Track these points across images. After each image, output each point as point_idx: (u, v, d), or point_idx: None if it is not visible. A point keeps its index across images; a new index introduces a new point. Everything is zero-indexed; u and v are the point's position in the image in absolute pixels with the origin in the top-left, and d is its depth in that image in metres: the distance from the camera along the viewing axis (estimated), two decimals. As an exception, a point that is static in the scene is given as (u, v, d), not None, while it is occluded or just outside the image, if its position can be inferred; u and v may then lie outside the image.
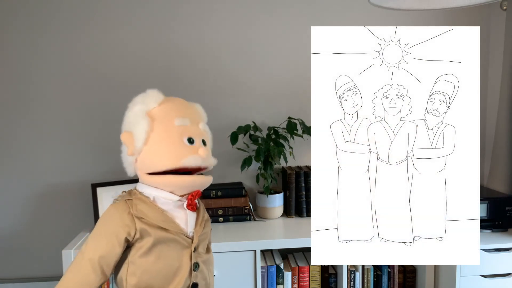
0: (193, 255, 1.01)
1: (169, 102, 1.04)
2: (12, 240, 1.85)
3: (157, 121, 1.00)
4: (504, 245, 1.57)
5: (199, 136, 1.02)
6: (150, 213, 0.98)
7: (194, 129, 1.02)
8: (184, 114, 1.03)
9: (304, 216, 1.82)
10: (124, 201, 1.01)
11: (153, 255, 0.98)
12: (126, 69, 1.83)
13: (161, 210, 1.00)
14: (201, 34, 1.86)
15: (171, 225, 0.99)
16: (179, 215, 1.02)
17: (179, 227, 1.01)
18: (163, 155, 0.98)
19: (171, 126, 1.00)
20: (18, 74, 1.80)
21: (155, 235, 0.97)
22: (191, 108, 1.08)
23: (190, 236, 1.02)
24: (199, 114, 1.09)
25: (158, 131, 0.99)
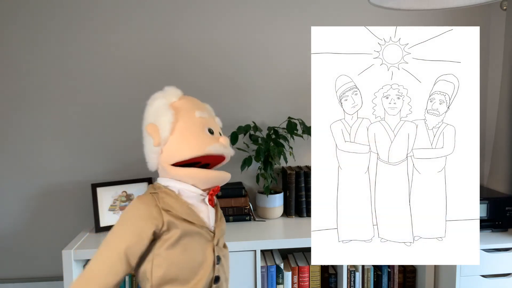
0: (215, 248, 1.04)
1: (187, 98, 1.12)
2: (12, 240, 1.85)
3: (181, 113, 1.05)
4: (504, 245, 1.57)
5: (217, 128, 1.10)
6: (176, 206, 1.01)
7: (212, 122, 1.09)
8: (202, 108, 1.11)
9: (304, 216, 1.82)
10: (150, 194, 1.02)
11: (180, 247, 0.99)
12: (126, 69, 1.83)
13: (186, 203, 1.02)
14: (201, 35, 1.86)
15: (196, 218, 1.02)
16: (202, 209, 1.05)
17: (203, 221, 1.03)
18: (189, 142, 1.03)
19: (194, 117, 1.06)
20: (18, 74, 1.80)
21: (182, 228, 0.99)
22: (206, 104, 1.17)
23: (212, 230, 1.05)
24: (212, 110, 1.18)
25: (182, 121, 1.04)
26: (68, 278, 1.46)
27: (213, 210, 1.08)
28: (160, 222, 0.98)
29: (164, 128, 1.02)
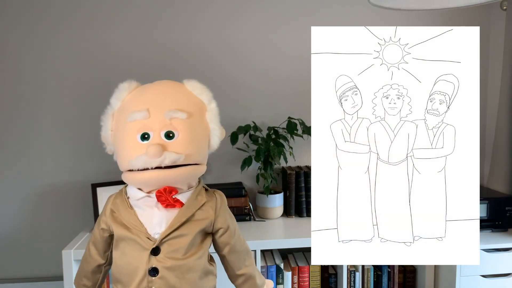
0: (150, 258, 0.93)
1: (133, 94, 0.99)
2: (12, 240, 1.85)
3: (115, 120, 1.00)
4: (504, 245, 1.57)
5: (160, 129, 0.92)
6: (120, 208, 0.99)
7: (153, 122, 0.92)
8: (140, 105, 0.94)
9: (304, 216, 1.82)
10: (116, 193, 1.05)
11: (119, 250, 0.99)
12: (126, 70, 1.83)
13: (129, 207, 0.98)
14: (200, 34, 1.86)
15: (133, 224, 0.95)
16: (145, 213, 0.96)
17: (141, 227, 0.94)
18: (119, 155, 0.98)
19: (124, 124, 0.94)
20: (18, 74, 1.80)
21: (116, 232, 0.98)
22: (158, 94, 0.97)
23: (154, 238, 0.94)
24: (169, 99, 0.96)
25: (114, 130, 0.99)
26: (68, 278, 1.46)
27: (166, 214, 0.95)
28: (107, 221, 1.01)
29: (106, 138, 1.01)
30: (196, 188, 1.01)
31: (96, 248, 1.05)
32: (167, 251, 0.94)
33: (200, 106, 1.01)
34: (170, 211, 0.95)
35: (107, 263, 1.07)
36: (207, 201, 1.01)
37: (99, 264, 1.05)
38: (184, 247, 0.95)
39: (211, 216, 1.00)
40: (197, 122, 0.98)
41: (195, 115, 0.97)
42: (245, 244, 1.11)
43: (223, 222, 1.03)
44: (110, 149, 1.03)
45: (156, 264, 0.93)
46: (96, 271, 1.06)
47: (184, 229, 0.96)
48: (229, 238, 1.04)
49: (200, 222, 0.98)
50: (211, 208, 1.01)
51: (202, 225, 0.99)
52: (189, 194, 0.99)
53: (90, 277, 1.07)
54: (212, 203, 1.02)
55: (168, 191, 0.93)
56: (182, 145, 0.92)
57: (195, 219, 0.98)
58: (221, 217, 1.02)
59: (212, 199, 1.03)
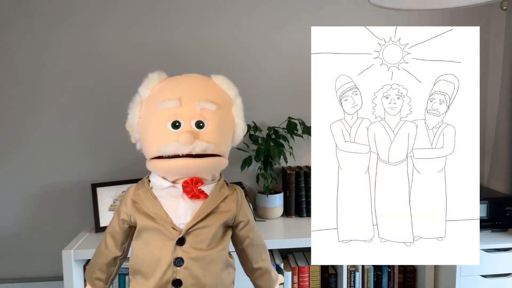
0: (176, 249, 0.94)
1: (163, 84, 1.00)
2: (12, 240, 1.85)
3: (143, 107, 0.99)
4: (504, 245, 1.57)
5: (191, 118, 0.93)
6: (143, 198, 0.99)
7: (184, 110, 0.93)
8: (172, 94, 0.96)
9: (304, 216, 1.82)
10: (136, 184, 1.04)
11: (141, 240, 0.98)
12: (126, 69, 1.83)
13: (152, 197, 0.97)
14: (200, 33, 1.86)
15: (157, 214, 0.95)
16: (170, 203, 0.96)
17: (166, 217, 0.95)
18: (147, 142, 0.97)
19: (155, 111, 0.95)
20: (18, 74, 1.80)
21: (140, 222, 0.97)
22: (190, 84, 0.99)
23: (179, 228, 0.95)
24: (199, 91, 0.98)
25: (143, 117, 0.99)
26: (68, 278, 1.46)
27: (191, 205, 0.96)
28: (128, 212, 1.00)
29: (132, 125, 1.00)
30: (219, 181, 1.03)
31: (114, 239, 1.04)
32: (192, 241, 0.94)
33: (228, 100, 1.04)
34: (195, 202, 0.96)
35: (123, 255, 1.07)
36: (229, 194, 1.03)
37: (115, 256, 1.05)
38: (208, 238, 0.96)
39: (233, 209, 1.02)
40: (225, 114, 1.00)
41: (223, 107, 1.00)
42: (261, 239, 1.14)
43: (244, 215, 1.05)
44: (135, 137, 1.02)
45: (182, 254, 0.94)
46: (112, 263, 1.06)
47: (209, 220, 0.97)
48: (248, 232, 1.07)
49: (224, 214, 1.00)
50: (233, 202, 1.03)
51: (225, 217, 1.00)
52: (212, 186, 1.00)
53: (105, 270, 1.06)
54: (234, 197, 1.04)
55: (194, 182, 0.94)
56: (212, 135, 0.94)
57: (219, 211, 0.99)
58: (242, 211, 1.05)
59: (233, 192, 1.05)
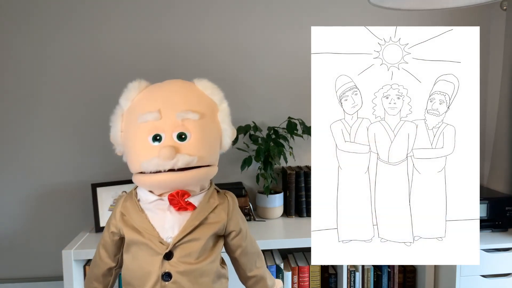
0: (163, 263, 0.92)
1: (143, 94, 0.96)
2: (12, 240, 1.85)
3: (124, 120, 0.97)
4: (504, 245, 1.57)
5: (172, 130, 0.90)
6: (131, 211, 0.97)
7: (165, 123, 0.90)
8: (151, 106, 0.91)
9: (304, 216, 1.82)
10: (126, 195, 1.02)
11: (130, 254, 0.97)
12: (126, 70, 1.83)
13: (140, 211, 0.95)
14: (200, 34, 1.86)
15: (144, 228, 0.93)
16: (157, 217, 0.94)
17: (153, 231, 0.93)
18: (130, 157, 0.95)
19: (135, 125, 0.92)
20: (18, 74, 1.80)
21: (127, 236, 0.96)
22: (170, 94, 0.95)
23: (167, 242, 0.93)
24: (180, 100, 0.93)
25: (124, 131, 0.96)
26: (68, 278, 1.46)
27: (179, 218, 0.94)
28: (117, 225, 0.99)
29: (115, 139, 0.98)
30: (208, 190, 1.00)
31: (107, 251, 1.03)
32: (180, 255, 0.92)
33: (212, 106, 0.99)
34: (182, 215, 0.94)
35: (118, 266, 1.05)
36: (219, 203, 1.00)
37: (109, 267, 1.04)
38: (197, 251, 0.94)
39: (223, 219, 0.99)
40: (209, 123, 0.96)
41: (207, 115, 0.95)
42: (256, 245, 1.10)
43: (236, 225, 1.02)
44: (120, 150, 1.00)
45: (169, 269, 0.92)
46: (107, 274, 1.05)
47: (197, 233, 0.94)
48: (241, 241, 1.03)
49: (213, 226, 0.97)
50: (223, 211, 1.00)
51: (215, 229, 0.97)
52: (201, 197, 0.97)
53: (101, 280, 1.05)
54: (224, 206, 1.01)
55: (180, 195, 0.92)
56: (195, 147, 0.91)
57: (208, 223, 0.96)
58: (234, 220, 1.01)
59: (224, 201, 1.02)
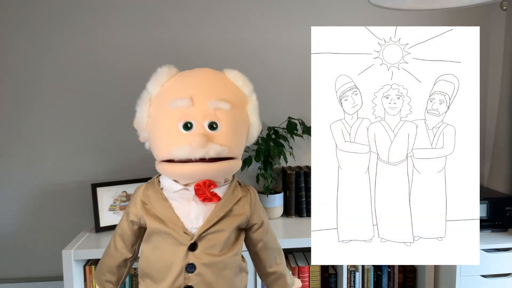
0: (188, 254, 0.90)
1: (174, 80, 0.94)
2: (12, 240, 1.85)
3: (153, 106, 0.93)
4: (504, 245, 1.57)
5: (204, 118, 0.87)
6: (153, 200, 0.94)
7: (197, 110, 0.87)
8: (183, 93, 0.89)
9: (304, 216, 1.82)
10: (145, 184, 1.00)
11: (151, 244, 0.95)
12: (126, 70, 1.83)
13: (164, 200, 0.93)
14: (200, 34, 1.86)
15: (168, 217, 0.91)
16: (182, 207, 0.92)
17: (177, 221, 0.91)
18: (156, 144, 0.92)
19: (166, 110, 0.89)
20: (18, 74, 1.80)
21: (150, 225, 0.93)
22: (202, 82, 0.93)
23: (191, 233, 0.91)
24: (213, 89, 0.91)
25: (152, 116, 0.93)
26: (68, 278, 1.46)
27: (204, 209, 0.92)
28: (138, 214, 0.96)
29: (141, 124, 0.94)
30: (232, 182, 1.00)
31: (124, 241, 1.00)
32: (204, 246, 0.91)
33: (242, 98, 0.97)
34: (207, 205, 0.92)
35: (134, 257, 1.03)
36: (243, 196, 0.99)
37: (125, 258, 1.01)
38: (221, 243, 0.93)
39: (247, 211, 0.98)
40: (239, 114, 0.94)
41: (237, 106, 0.94)
42: (277, 242, 1.09)
43: (258, 217, 1.01)
44: (144, 137, 0.96)
45: (194, 260, 0.90)
46: (122, 265, 1.02)
47: (222, 224, 0.93)
48: (262, 235, 1.03)
49: (237, 218, 0.96)
50: (246, 204, 0.99)
51: (238, 221, 0.96)
52: (225, 189, 0.96)
53: (116, 272, 1.02)
54: (247, 198, 1.00)
55: (207, 185, 0.90)
56: (226, 137, 0.89)
57: (232, 214, 0.95)
58: (256, 213, 1.01)
59: (247, 194, 1.01)
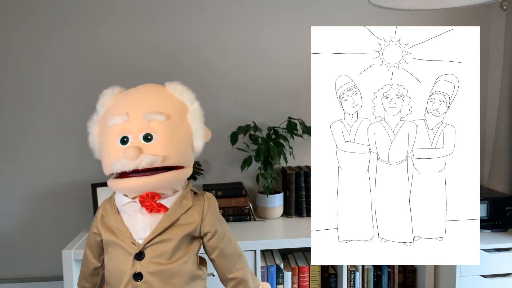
0: (134, 263, 0.94)
1: (115, 99, 1.02)
2: (12, 240, 1.85)
3: (99, 126, 1.02)
4: (504, 245, 1.57)
5: (139, 131, 0.92)
6: (109, 213, 1.01)
7: (132, 125, 0.93)
8: (120, 109, 0.95)
9: (304, 216, 1.82)
10: (108, 197, 1.07)
11: (108, 254, 1.01)
12: (126, 70, 1.83)
13: (116, 212, 1.00)
14: (200, 34, 1.86)
15: (119, 229, 0.97)
16: (131, 219, 0.98)
17: (126, 232, 0.96)
18: (103, 161, 0.99)
19: (107, 128, 0.96)
20: (18, 74, 1.80)
21: (104, 237, 1.00)
22: (138, 97, 0.99)
23: (139, 243, 0.96)
24: (147, 102, 0.96)
25: (99, 135, 1.01)
26: (68, 278, 1.46)
27: (150, 219, 0.96)
28: (98, 226, 1.03)
29: (93, 144, 1.03)
30: (183, 192, 1.01)
31: (92, 251, 1.06)
32: (151, 256, 0.94)
33: (181, 108, 1.00)
34: (154, 216, 0.96)
35: (103, 266, 1.07)
36: (194, 205, 1.00)
37: (95, 267, 1.07)
38: (169, 252, 0.95)
39: (196, 220, 0.99)
40: (177, 124, 0.96)
41: (174, 116, 0.96)
42: (236, 247, 1.09)
43: (211, 226, 1.01)
44: (98, 155, 1.04)
45: (140, 269, 0.94)
46: (94, 273, 1.09)
47: (168, 233, 0.96)
48: (217, 242, 1.03)
49: (185, 227, 0.98)
50: (197, 213, 1.00)
51: (187, 230, 0.98)
52: (174, 199, 0.99)
53: (89, 279, 1.10)
54: (199, 207, 1.01)
55: (150, 196, 0.93)
56: (160, 147, 0.92)
57: (179, 224, 0.97)
58: (208, 221, 1.01)
59: (199, 203, 1.01)
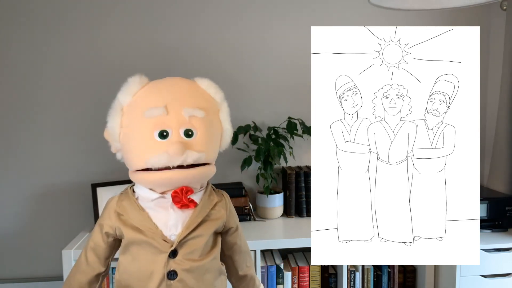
0: (169, 261, 0.91)
1: (146, 89, 0.94)
2: (12, 240, 1.85)
3: (126, 115, 0.93)
4: (504, 245, 1.57)
5: (179, 126, 0.88)
6: (129, 210, 0.94)
7: (172, 119, 0.88)
8: (158, 101, 0.90)
9: (304, 216, 1.82)
10: (118, 195, 0.99)
11: (129, 255, 0.95)
12: (126, 70, 1.82)
13: (140, 209, 0.93)
14: (200, 34, 1.86)
15: (146, 226, 0.91)
16: (159, 215, 0.92)
17: (156, 229, 0.91)
18: (131, 154, 0.92)
19: (140, 120, 0.89)
20: (18, 74, 1.80)
21: (127, 236, 0.93)
22: (176, 90, 0.94)
23: (171, 240, 0.92)
24: (187, 97, 0.93)
25: (125, 126, 0.92)
26: (68, 278, 1.46)
27: (181, 215, 0.93)
28: (113, 225, 0.95)
29: (113, 135, 0.94)
30: (207, 187, 1.01)
31: (97, 255, 0.98)
32: (184, 253, 0.92)
33: (214, 106, 0.99)
34: (184, 212, 0.93)
35: (106, 272, 1.01)
36: (218, 201, 1.01)
37: (98, 273, 0.99)
38: (200, 248, 0.94)
39: (223, 215, 1.01)
40: (213, 121, 0.96)
41: (211, 113, 0.96)
42: (247, 245, 1.12)
43: (234, 221, 1.04)
44: (116, 147, 0.96)
45: (175, 267, 0.91)
46: (94, 281, 0.99)
47: (201, 229, 0.94)
48: (237, 238, 1.06)
49: (215, 222, 0.98)
50: (222, 208, 1.01)
51: (216, 225, 0.98)
52: (201, 194, 0.97)
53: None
54: (223, 203, 1.02)
55: (184, 191, 0.90)
56: (202, 144, 0.90)
57: (210, 219, 0.97)
58: (232, 217, 1.04)
59: (222, 199, 1.03)
